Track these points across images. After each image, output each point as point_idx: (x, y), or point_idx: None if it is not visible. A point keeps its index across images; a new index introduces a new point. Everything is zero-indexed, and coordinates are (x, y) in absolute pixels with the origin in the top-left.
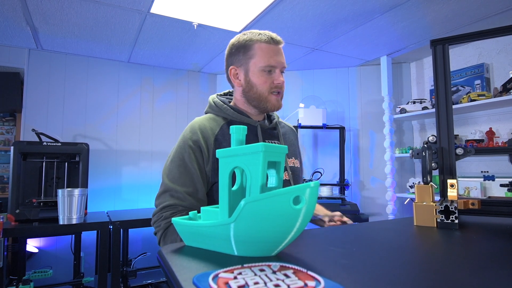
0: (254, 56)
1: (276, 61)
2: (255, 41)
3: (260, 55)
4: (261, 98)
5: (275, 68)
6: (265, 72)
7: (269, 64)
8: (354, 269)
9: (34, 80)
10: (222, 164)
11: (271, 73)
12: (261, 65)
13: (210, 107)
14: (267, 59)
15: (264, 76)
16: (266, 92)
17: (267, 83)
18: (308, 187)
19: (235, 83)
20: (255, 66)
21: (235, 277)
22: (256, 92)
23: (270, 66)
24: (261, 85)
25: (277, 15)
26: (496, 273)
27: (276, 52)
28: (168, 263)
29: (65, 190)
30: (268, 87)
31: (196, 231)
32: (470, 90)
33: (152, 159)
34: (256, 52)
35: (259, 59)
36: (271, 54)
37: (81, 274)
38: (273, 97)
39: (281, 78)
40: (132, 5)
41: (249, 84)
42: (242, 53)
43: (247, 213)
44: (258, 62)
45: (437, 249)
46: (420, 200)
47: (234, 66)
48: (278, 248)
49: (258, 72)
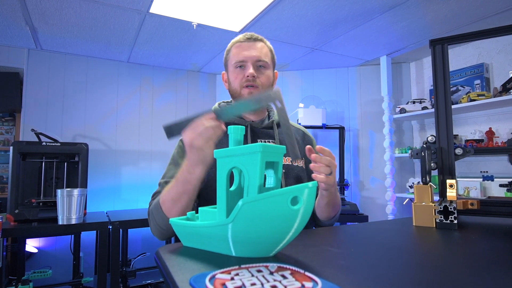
0: (230, 57)
1: (245, 56)
2: (232, 44)
3: (233, 54)
4: (236, 94)
5: (245, 62)
6: (237, 68)
7: (238, 60)
8: (351, 269)
9: (34, 80)
10: (220, 164)
11: (243, 68)
12: (233, 62)
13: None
14: (237, 56)
15: (236, 72)
16: (238, 87)
17: (238, 78)
18: (306, 188)
19: (225, 86)
20: (230, 64)
21: (232, 278)
22: (233, 87)
23: (239, 61)
24: (233, 81)
25: (277, 15)
26: (494, 274)
27: (247, 47)
28: (165, 263)
29: (64, 190)
30: (239, 81)
31: (193, 232)
32: (469, 90)
33: (151, 159)
34: (231, 52)
35: (232, 57)
36: (241, 50)
37: (80, 274)
38: (245, 90)
39: (249, 70)
40: (131, 5)
41: (229, 83)
42: (225, 58)
43: (244, 213)
44: (231, 60)
45: (435, 249)
46: (419, 200)
47: (224, 72)
48: (276, 248)
49: (232, 69)
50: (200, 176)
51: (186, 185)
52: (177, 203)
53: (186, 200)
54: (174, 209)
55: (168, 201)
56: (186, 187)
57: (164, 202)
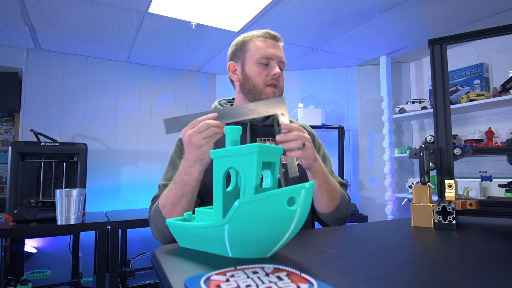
0: (250, 50)
1: (272, 53)
2: (251, 37)
3: (256, 48)
4: (256, 90)
5: (271, 60)
6: (260, 64)
7: (264, 56)
8: (348, 271)
9: (33, 80)
10: (216, 164)
11: (267, 66)
12: (256, 56)
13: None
14: (263, 51)
15: (260, 68)
16: (261, 84)
17: (262, 75)
18: (303, 188)
19: (233, 78)
20: (251, 58)
21: (227, 280)
22: (252, 83)
23: (265, 57)
24: (256, 76)
25: (276, 15)
26: (492, 275)
27: (272, 45)
28: (160, 264)
29: (63, 190)
30: (263, 78)
31: (190, 233)
32: (469, 90)
33: (151, 159)
34: (252, 46)
35: (255, 51)
36: (267, 46)
37: (79, 274)
38: (269, 89)
39: (276, 69)
40: (130, 5)
41: (245, 76)
42: (239, 49)
43: (241, 214)
44: (254, 54)
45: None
46: (417, 200)
47: (233, 62)
48: (273, 249)
49: (254, 64)
50: (198, 177)
51: (184, 187)
52: (176, 206)
53: (185, 202)
54: (174, 213)
55: (168, 205)
56: (184, 189)
57: (164, 206)
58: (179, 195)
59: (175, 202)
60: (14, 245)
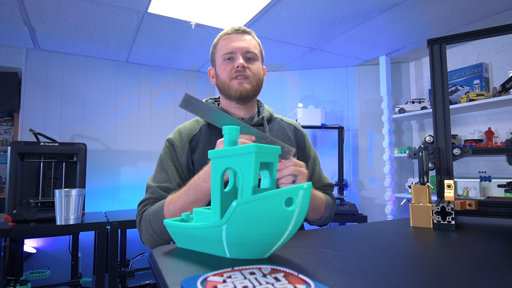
0: (218, 50)
1: (234, 47)
2: (219, 37)
3: (221, 46)
4: (225, 86)
5: (234, 53)
6: (226, 61)
7: (226, 51)
8: (346, 271)
9: (32, 80)
10: (214, 165)
11: (232, 60)
12: (221, 54)
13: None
14: (225, 47)
15: (225, 64)
16: (227, 79)
17: (227, 70)
18: (301, 189)
19: (212, 82)
20: (218, 57)
21: (224, 281)
22: (221, 81)
23: (228, 53)
24: (222, 73)
25: (275, 14)
26: (490, 275)
27: (235, 39)
28: (157, 265)
29: (62, 190)
30: (228, 73)
31: (188, 233)
32: (469, 90)
33: (150, 159)
34: (219, 46)
35: (220, 49)
36: (230, 41)
37: (78, 274)
38: (235, 81)
39: (239, 60)
40: (130, 5)
41: (217, 76)
42: (212, 53)
43: (238, 214)
44: (219, 52)
45: (432, 251)
46: (416, 201)
47: (211, 67)
48: (271, 250)
49: (221, 62)
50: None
51: (199, 194)
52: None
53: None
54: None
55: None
56: (198, 196)
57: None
58: (191, 201)
59: (185, 208)
60: (13, 245)
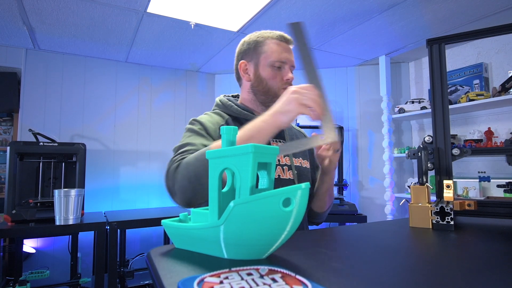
0: (265, 51)
1: (286, 58)
2: (266, 38)
3: (270, 50)
4: (270, 93)
5: (285, 64)
6: (274, 67)
7: (279, 59)
8: (344, 272)
9: (31, 80)
10: (211, 165)
11: (281, 69)
12: (271, 59)
13: (217, 105)
14: (278, 55)
15: (274, 71)
16: (276, 87)
17: (276, 78)
18: (299, 189)
19: (244, 77)
20: (265, 60)
21: (221, 282)
22: (266, 86)
23: (280, 61)
24: (270, 79)
25: (275, 14)
26: (489, 276)
27: (286, 49)
28: (155, 266)
29: (61, 190)
30: (278, 82)
31: (185, 234)
32: (468, 90)
33: (150, 159)
34: (267, 48)
35: (270, 54)
36: (281, 50)
37: (78, 274)
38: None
39: (290, 74)
40: (129, 5)
41: (259, 78)
42: (253, 49)
43: (236, 215)
44: (269, 56)
45: (430, 251)
46: (415, 201)
47: (245, 61)
48: (269, 251)
49: (268, 66)
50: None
51: (261, 131)
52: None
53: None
54: None
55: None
56: (253, 133)
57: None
58: (248, 136)
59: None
60: (12, 245)
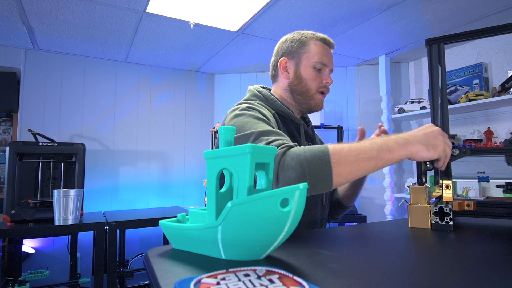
0: (308, 51)
1: (328, 61)
2: (310, 38)
3: (314, 51)
4: (307, 94)
5: (326, 67)
6: (315, 69)
7: (322, 61)
8: (342, 273)
9: (31, 80)
10: (209, 165)
11: (321, 72)
12: (314, 60)
13: (255, 96)
14: (320, 56)
15: (315, 73)
16: (313, 89)
17: (316, 80)
18: (297, 189)
19: (283, 75)
20: (307, 60)
21: (217, 283)
22: (305, 86)
23: (322, 63)
24: (310, 80)
25: (274, 14)
26: (487, 277)
27: (328, 52)
28: (152, 267)
29: (60, 190)
30: (317, 84)
31: (183, 234)
32: (468, 90)
33: (149, 159)
34: (310, 48)
35: (313, 54)
36: (324, 52)
37: (77, 274)
38: (319, 96)
39: (330, 78)
40: (128, 5)
41: (299, 77)
42: (296, 47)
43: (233, 215)
44: (312, 57)
45: (429, 252)
46: (414, 201)
47: (286, 58)
48: (267, 251)
49: (310, 67)
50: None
51: (385, 153)
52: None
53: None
54: (348, 167)
55: (352, 154)
56: (381, 155)
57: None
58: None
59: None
60: (12, 246)
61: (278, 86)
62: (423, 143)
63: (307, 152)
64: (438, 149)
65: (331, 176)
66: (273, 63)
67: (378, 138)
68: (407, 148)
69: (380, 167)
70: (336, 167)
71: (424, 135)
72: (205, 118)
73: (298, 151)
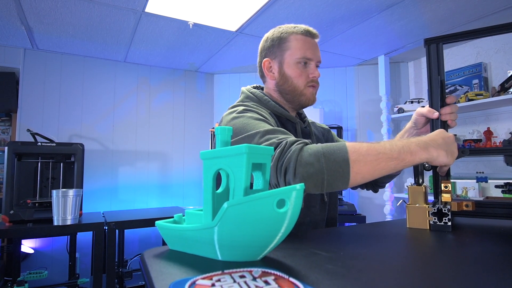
0: (290, 48)
1: (312, 54)
2: (290, 33)
3: (295, 47)
4: (296, 91)
5: (311, 61)
6: (300, 65)
7: (304, 56)
8: (338, 274)
9: (30, 80)
10: (206, 166)
11: (306, 66)
12: (296, 57)
13: (248, 97)
14: (303, 51)
15: (300, 69)
16: (302, 86)
17: (302, 76)
18: (293, 190)
19: (268, 76)
20: (290, 58)
21: (212, 285)
22: (291, 84)
23: (305, 58)
24: (296, 77)
25: (273, 14)
26: (486, 278)
27: (312, 44)
28: (147, 268)
29: (59, 190)
30: (304, 80)
31: (179, 235)
32: (468, 90)
33: (149, 159)
34: (291, 44)
35: (295, 50)
36: (307, 46)
37: (76, 275)
38: (309, 90)
39: (316, 71)
40: (127, 4)
41: (284, 76)
42: (277, 45)
43: (230, 216)
44: (294, 54)
45: (427, 253)
46: (413, 201)
47: (268, 59)
48: (263, 252)
49: (294, 64)
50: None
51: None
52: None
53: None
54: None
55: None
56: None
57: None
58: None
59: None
60: (10, 246)
61: (268, 87)
62: (443, 149)
63: (325, 149)
64: (454, 156)
65: (348, 174)
66: (258, 63)
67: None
68: (429, 151)
69: (399, 169)
70: (355, 165)
71: (443, 140)
72: (205, 118)
73: (316, 148)
